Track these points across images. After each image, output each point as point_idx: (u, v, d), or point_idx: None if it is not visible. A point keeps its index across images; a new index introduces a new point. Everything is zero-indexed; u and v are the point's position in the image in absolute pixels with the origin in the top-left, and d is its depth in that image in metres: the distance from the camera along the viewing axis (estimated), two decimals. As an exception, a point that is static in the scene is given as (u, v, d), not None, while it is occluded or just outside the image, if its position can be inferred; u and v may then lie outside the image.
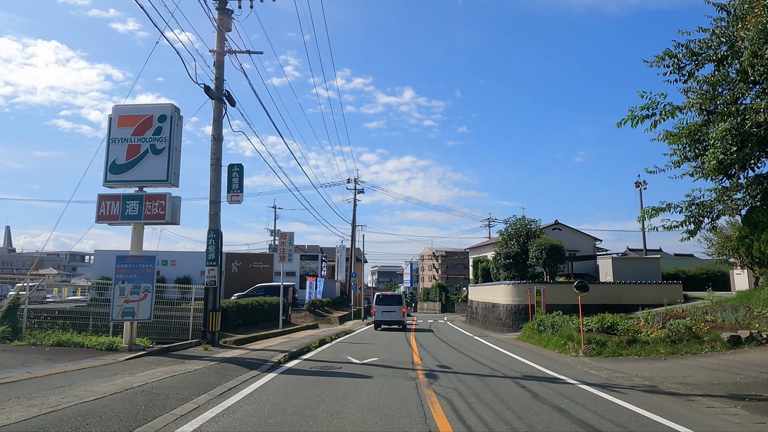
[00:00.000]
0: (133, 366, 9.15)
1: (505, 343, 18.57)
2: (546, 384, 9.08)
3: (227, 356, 11.08)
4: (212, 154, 13.79)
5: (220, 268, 13.66)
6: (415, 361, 12.28)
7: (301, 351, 13.11)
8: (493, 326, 27.62)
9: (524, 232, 27.87)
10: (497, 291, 27.46)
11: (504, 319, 25.92)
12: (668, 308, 20.21)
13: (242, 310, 17.45)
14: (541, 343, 17.24)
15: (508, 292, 25.85)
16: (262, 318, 19.82)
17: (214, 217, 13.68)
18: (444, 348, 16.33)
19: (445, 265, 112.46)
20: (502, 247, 28.65)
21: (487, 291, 30.59)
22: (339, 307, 41.46)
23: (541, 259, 25.54)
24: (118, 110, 12.44)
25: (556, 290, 24.13)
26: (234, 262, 40.09)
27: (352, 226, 47.70)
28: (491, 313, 28.88)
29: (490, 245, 48.98)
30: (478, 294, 34.52)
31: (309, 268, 41.42)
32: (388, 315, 26.04)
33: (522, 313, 25.01)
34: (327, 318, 32.47)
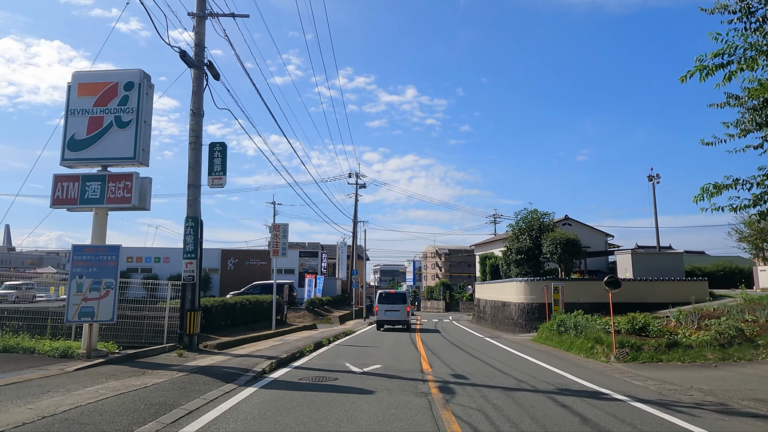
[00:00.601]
0: (79, 379, 7.42)
1: (521, 346, 16.81)
2: (590, 401, 7.31)
3: (202, 364, 9.34)
4: (191, 130, 12.03)
5: (199, 261, 11.90)
6: (424, 368, 10.52)
7: (292, 357, 11.36)
8: (504, 326, 25.84)
9: (536, 226, 26.07)
10: (508, 288, 25.67)
11: (516, 319, 24.14)
12: (696, 306, 18.37)
13: (230, 309, 15.71)
14: (563, 346, 15.46)
15: (520, 290, 24.06)
16: (253, 318, 18.10)
17: (193, 203, 11.93)
18: (455, 352, 14.57)
19: (449, 263, 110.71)
20: (513, 242, 26.85)
21: (497, 289, 28.81)
22: (340, 306, 39.73)
23: (555, 255, 23.74)
24: (78, 77, 10.70)
25: (574, 288, 22.32)
26: (230, 259, 38.40)
27: (354, 222, 45.99)
28: (501, 312, 27.09)
29: (497, 241, 47.16)
30: (486, 292, 32.73)
31: (308, 266, 39.70)
32: (392, 314, 24.29)
33: (536, 312, 23.22)
34: (327, 317, 30.75)
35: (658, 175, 41.15)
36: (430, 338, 19.51)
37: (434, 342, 17.68)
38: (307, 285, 32.35)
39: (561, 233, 24.23)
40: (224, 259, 38.46)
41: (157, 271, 36.94)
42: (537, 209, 26.45)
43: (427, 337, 19.90)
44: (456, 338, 20.05)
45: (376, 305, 24.67)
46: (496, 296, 28.77)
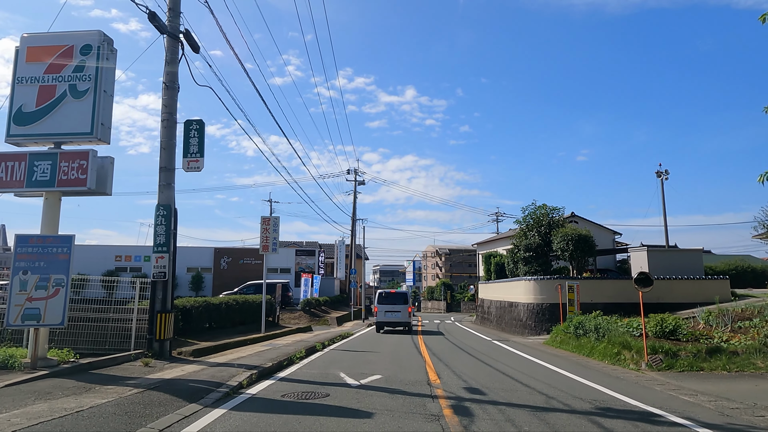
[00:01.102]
0: (0, 400, 5.89)
1: (535, 350, 15.30)
2: (645, 427, 5.79)
3: (167, 377, 7.81)
4: (163, 106, 10.51)
5: (173, 256, 10.36)
6: (431, 379, 9.00)
7: (278, 365, 9.84)
8: (511, 328, 24.32)
9: (545, 222, 24.55)
10: (516, 288, 24.16)
11: (525, 320, 22.63)
12: (721, 307, 16.88)
13: (213, 310, 14.16)
14: (582, 351, 13.94)
15: (529, 289, 22.54)
16: (242, 320, 16.59)
17: (166, 188, 10.39)
18: (463, 357, 13.04)
19: (449, 263, 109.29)
20: (521, 239, 25.33)
21: (503, 288, 27.30)
22: (338, 306, 38.20)
23: (567, 252, 22.23)
24: (27, 41, 9.18)
25: (587, 287, 20.80)
26: (223, 258, 36.87)
27: (352, 220, 44.46)
28: (508, 313, 25.57)
29: (501, 239, 45.66)
30: (490, 292, 31.23)
31: (305, 264, 38.18)
32: (392, 315, 22.77)
33: (546, 313, 21.71)
34: (323, 319, 29.22)
35: (666, 171, 39.62)
36: (433, 341, 18.00)
37: (439, 346, 16.17)
38: (303, 285, 30.82)
39: (572, 229, 22.73)
40: (217, 258, 36.93)
41: (147, 270, 35.28)
42: (546, 204, 24.95)
43: (431, 341, 18.39)
44: (462, 341, 18.54)
45: (375, 306, 23.17)
46: (502, 296, 27.26)
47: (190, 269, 35.97)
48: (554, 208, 24.91)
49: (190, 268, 36.05)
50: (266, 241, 15.65)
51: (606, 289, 21.66)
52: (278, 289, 19.91)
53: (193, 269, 36.05)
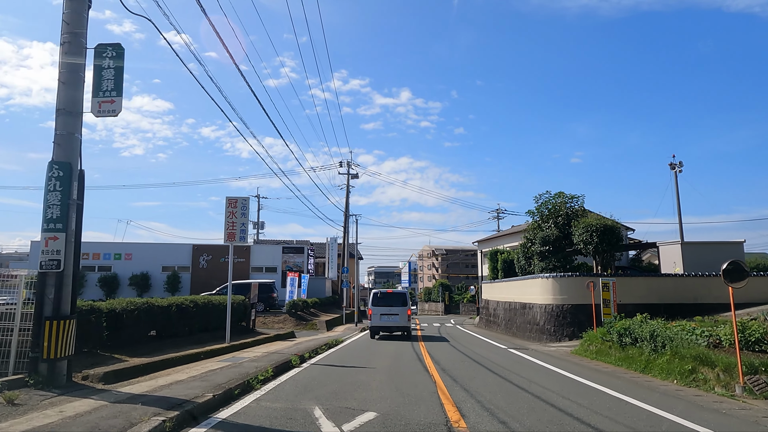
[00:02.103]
0: None
1: (568, 363, 12.25)
2: None
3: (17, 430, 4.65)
4: (64, 23, 7.35)
5: (76, 237, 7.18)
6: (451, 419, 5.92)
7: (225, 396, 6.72)
8: (524, 333, 21.28)
9: (563, 212, 21.55)
10: (530, 287, 21.13)
11: (542, 324, 19.58)
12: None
13: (158, 314, 10.94)
14: (633, 366, 10.88)
15: (546, 289, 19.51)
16: (205, 326, 13.43)
17: (65, 139, 7.23)
18: (483, 375, 9.95)
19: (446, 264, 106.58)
20: (535, 231, 22.31)
21: (513, 288, 24.26)
22: (328, 309, 35.02)
23: (590, 245, 19.22)
24: None
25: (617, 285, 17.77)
26: (202, 256, 33.62)
27: (345, 216, 41.33)
28: (520, 316, 22.53)
29: (504, 236, 42.68)
30: (497, 292, 28.20)
31: (293, 263, 35.00)
32: (389, 319, 19.67)
33: (568, 315, 18.68)
34: (311, 323, 26.06)
35: (680, 162, 36.73)
36: (439, 350, 14.92)
37: (447, 357, 13.09)
38: (288, 284, 27.68)
39: (597, 219, 19.72)
40: (196, 256, 33.67)
41: (117, 269, 32.11)
42: (563, 192, 21.94)
43: (436, 349, 15.32)
44: (472, 350, 15.47)
45: (370, 308, 20.07)
46: (512, 297, 24.22)
47: (166, 268, 32.71)
48: (573, 196, 21.92)
49: (165, 267, 32.80)
50: (232, 227, 12.46)
51: (637, 287, 18.66)
52: (253, 289, 16.76)
53: (168, 268, 32.78)
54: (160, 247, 33.69)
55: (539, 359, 13.05)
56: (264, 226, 50.41)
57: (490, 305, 30.39)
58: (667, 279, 19.27)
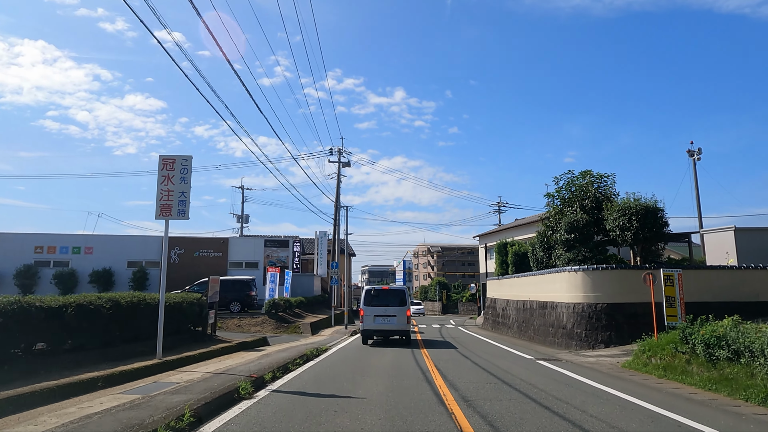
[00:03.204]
0: None
1: (631, 384, 8.81)
2: None
3: None
4: None
5: None
6: None
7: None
8: (546, 337, 17.86)
9: (591, 194, 18.15)
10: (552, 283, 17.70)
11: (570, 328, 16.15)
12: None
13: (42, 320, 7.29)
14: (740, 392, 7.44)
15: (575, 284, 16.09)
16: (134, 335, 9.82)
17: None
18: (527, 409, 6.44)
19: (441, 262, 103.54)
20: (557, 217, 18.89)
21: (529, 284, 20.84)
22: (316, 309, 31.48)
23: (628, 231, 15.81)
24: None
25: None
26: (174, 250, 29.95)
27: (335, 207, 37.82)
28: (539, 318, 19.10)
29: (509, 229, 39.25)
30: (506, 289, 24.78)
31: (277, 258, 31.40)
32: (384, 321, 16.20)
33: (603, 317, 15.27)
34: (294, 325, 22.52)
35: (699, 150, 33.38)
36: (450, 363, 11.44)
37: (464, 374, 9.60)
38: (268, 281, 24.09)
39: (636, 200, 16.29)
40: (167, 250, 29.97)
41: (76, 264, 28.35)
42: (590, 170, 18.52)
43: (445, 361, 11.85)
44: (490, 361, 11.97)
45: (362, 308, 16.60)
46: (527, 294, 20.80)
47: (132, 263, 29.00)
48: (602, 175, 18.49)
49: (131, 262, 29.08)
50: (167, 197, 8.80)
51: (686, 283, 15.26)
52: (212, 286, 13.15)
53: (135, 263, 29.07)
54: (125, 240, 29.97)
55: (589, 377, 9.60)
56: (248, 220, 46.74)
57: (497, 304, 26.96)
58: (721, 272, 15.89)
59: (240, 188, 46.93)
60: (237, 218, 46.62)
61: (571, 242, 17.06)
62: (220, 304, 25.11)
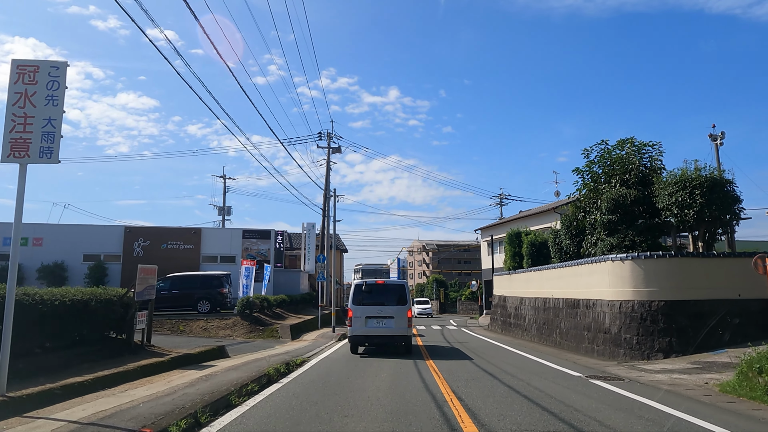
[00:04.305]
0: None
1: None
2: None
3: None
4: None
5: None
6: None
7: None
8: (580, 343, 14.42)
9: (635, 166, 14.74)
10: (588, 275, 14.26)
11: (616, 332, 12.68)
12: None
13: None
14: None
15: (622, 277, 12.66)
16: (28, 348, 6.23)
17: None
18: None
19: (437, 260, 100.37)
20: (591, 196, 15.45)
21: (551, 278, 17.41)
22: (301, 309, 27.92)
23: (691, 210, 12.38)
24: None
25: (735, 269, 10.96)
26: (137, 242, 26.24)
27: (324, 196, 34.21)
28: (568, 319, 15.66)
29: (513, 221, 35.83)
30: (520, 285, 21.35)
31: (257, 251, 27.75)
32: (379, 325, 12.71)
33: (661, 319, 11.83)
34: (271, 328, 18.94)
35: (722, 134, 29.97)
36: (473, 385, 7.95)
37: (502, 409, 6.09)
38: (242, 276, 20.48)
39: (697, 169, 12.87)
40: (128, 242, 26.23)
41: (23, 258, 24.46)
42: (631, 137, 15.07)
43: (465, 381, 8.36)
44: (529, 382, 8.46)
45: (350, 307, 13.08)
46: (550, 291, 17.36)
47: (89, 257, 25.26)
48: (645, 143, 15.04)
49: (87, 255, 25.35)
50: (23, 126, 5.28)
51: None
52: (141, 279, 9.51)
53: (92, 257, 25.33)
54: (81, 230, 26.18)
55: (699, 416, 6.13)
56: (231, 212, 43.00)
57: (508, 303, 23.54)
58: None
59: (222, 177, 43.18)
60: (219, 210, 42.87)
61: (614, 224, 13.59)
62: (186, 303, 21.55)
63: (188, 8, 8.37)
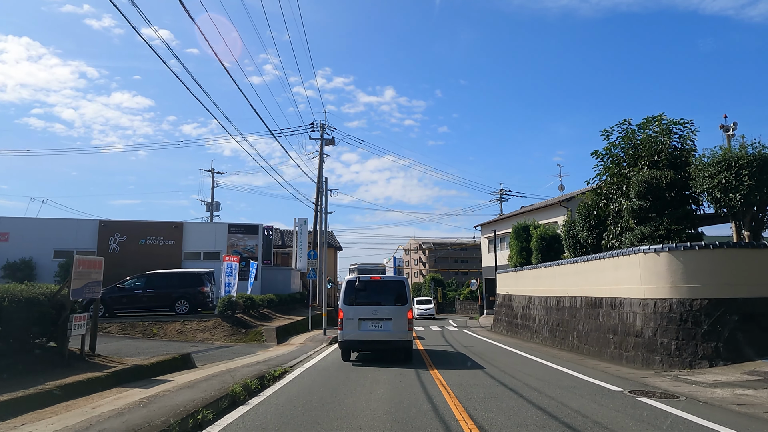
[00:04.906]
0: None
1: None
2: None
3: None
4: None
5: None
6: None
7: None
8: (604, 348, 12.65)
9: (666, 146, 12.98)
10: (614, 270, 12.49)
11: (650, 336, 10.90)
12: None
13: None
14: None
15: (658, 271, 10.89)
16: None
17: None
18: None
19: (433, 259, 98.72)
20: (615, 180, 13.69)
21: (568, 274, 15.65)
22: (291, 309, 26.07)
23: (737, 193, 10.64)
24: None
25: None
26: (112, 237, 24.29)
27: (317, 191, 32.38)
28: (588, 320, 13.90)
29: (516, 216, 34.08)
30: (528, 283, 19.59)
31: (244, 247, 25.85)
32: (374, 328, 10.92)
33: (705, 320, 10.07)
34: (255, 331, 17.09)
35: (735, 124, 28.25)
36: (492, 405, 6.14)
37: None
38: (224, 273, 18.60)
39: (742, 147, 11.12)
40: (103, 237, 24.27)
41: (-14, 258, 22.54)
42: (663, 113, 13.31)
43: (482, 399, 6.55)
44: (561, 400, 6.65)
45: (341, 307, 11.27)
46: (565, 288, 15.59)
47: (60, 253, 23.27)
48: (676, 121, 13.28)
49: (59, 251, 23.37)
50: None
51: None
52: (78, 274, 7.69)
53: (64, 253, 23.34)
54: (52, 225, 24.20)
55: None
56: (219, 207, 41.06)
57: (514, 302, 21.77)
58: None
59: (210, 171, 41.22)
60: (207, 206, 40.93)
61: (645, 211, 11.81)
62: (163, 303, 19.53)
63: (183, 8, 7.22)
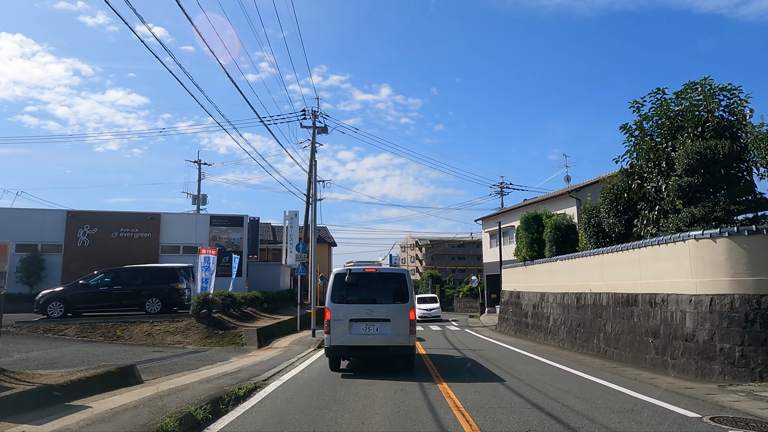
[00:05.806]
0: None
1: None
2: None
3: None
4: None
5: None
6: None
7: None
8: (640, 354, 10.68)
9: (712, 114, 11.01)
10: (655, 261, 10.52)
11: (705, 340, 8.92)
12: None
13: None
14: None
15: (715, 260, 8.94)
16: None
17: None
18: None
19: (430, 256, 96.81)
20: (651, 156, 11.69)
21: (591, 268, 13.67)
22: (279, 308, 24.01)
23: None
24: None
25: None
26: (81, 229, 22.13)
27: (308, 181, 30.33)
28: (619, 320, 11.93)
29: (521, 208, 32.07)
30: (540, 278, 17.63)
31: (227, 240, 23.75)
32: (369, 331, 8.92)
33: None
34: (234, 332, 15.04)
35: (752, 111, 26.31)
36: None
37: None
38: (200, 268, 16.49)
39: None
40: (71, 229, 22.09)
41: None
42: (708, 77, 11.31)
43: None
44: (615, 430, 4.74)
45: (328, 306, 9.25)
46: (587, 283, 13.61)
47: (23, 247, 21.12)
48: (723, 87, 11.30)
49: (21, 245, 21.20)
50: None
51: None
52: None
53: (27, 247, 21.20)
54: (14, 215, 22.00)
55: None
56: (206, 200, 38.83)
57: (523, 300, 19.81)
58: None
59: (196, 162, 39.01)
60: (192, 198, 38.72)
61: (695, 189, 9.83)
62: (133, 301, 17.17)
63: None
